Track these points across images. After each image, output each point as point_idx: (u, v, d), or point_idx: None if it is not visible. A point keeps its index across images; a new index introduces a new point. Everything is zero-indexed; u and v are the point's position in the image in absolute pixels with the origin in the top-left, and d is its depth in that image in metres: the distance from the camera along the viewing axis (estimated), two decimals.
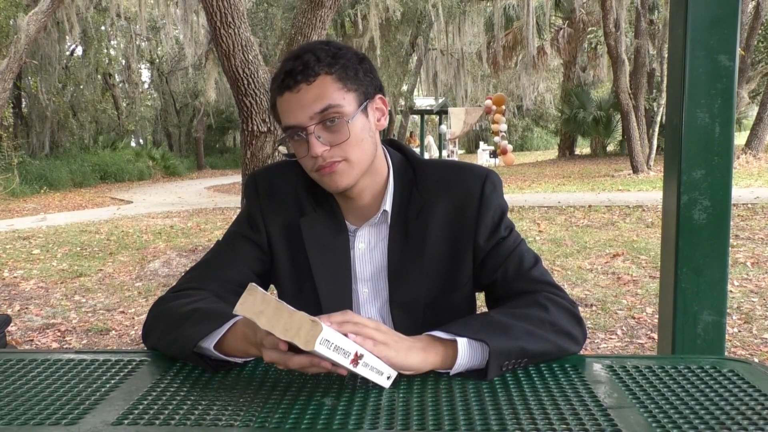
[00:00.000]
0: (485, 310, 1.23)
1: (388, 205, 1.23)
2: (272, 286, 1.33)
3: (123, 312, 4.99)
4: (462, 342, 0.99)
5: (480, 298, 1.30)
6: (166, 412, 0.88)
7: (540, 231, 7.88)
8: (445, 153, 24.03)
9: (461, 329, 1.01)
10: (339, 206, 1.25)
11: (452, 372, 1.00)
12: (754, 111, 21.31)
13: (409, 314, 1.22)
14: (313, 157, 1.13)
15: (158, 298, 1.22)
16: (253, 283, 0.90)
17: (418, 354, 0.98)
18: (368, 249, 1.25)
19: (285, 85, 1.12)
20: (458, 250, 1.22)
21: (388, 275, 1.23)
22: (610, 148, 24.77)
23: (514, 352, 1.01)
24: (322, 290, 1.23)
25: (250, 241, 1.26)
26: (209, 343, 1.03)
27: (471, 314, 1.28)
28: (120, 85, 25.98)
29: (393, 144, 1.31)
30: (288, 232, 1.25)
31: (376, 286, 1.25)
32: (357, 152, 1.15)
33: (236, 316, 1.04)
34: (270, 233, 1.26)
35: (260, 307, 0.87)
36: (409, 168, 1.26)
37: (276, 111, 1.18)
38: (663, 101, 15.30)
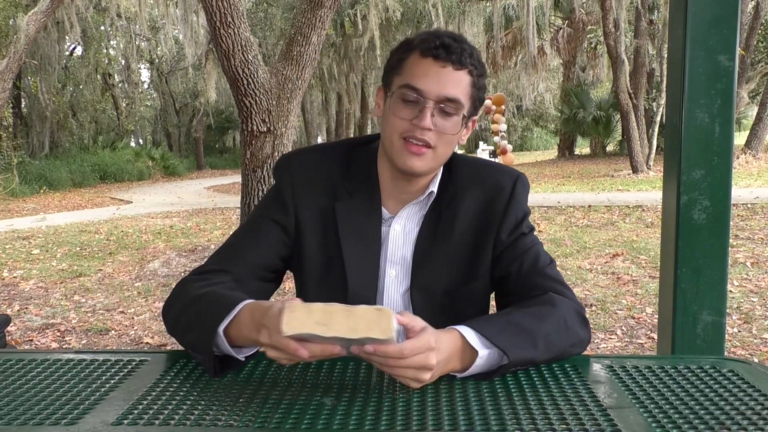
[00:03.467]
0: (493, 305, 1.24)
1: (436, 186, 1.24)
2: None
3: (122, 312, 4.99)
4: (483, 354, 0.99)
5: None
6: (166, 412, 0.88)
7: (540, 231, 7.88)
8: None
9: (491, 332, 1.00)
10: (380, 191, 1.26)
11: (460, 375, 1.00)
12: (753, 111, 21.31)
13: (428, 299, 1.24)
14: (414, 125, 1.13)
15: (181, 280, 1.21)
16: (289, 302, 0.89)
17: (438, 371, 0.96)
18: (403, 232, 1.26)
19: (435, 53, 1.13)
20: (481, 241, 1.24)
21: (413, 258, 1.25)
22: (609, 148, 24.77)
23: (526, 362, 1.02)
24: (351, 274, 1.23)
25: (276, 224, 1.25)
26: (220, 330, 1.01)
27: (485, 308, 1.30)
28: (120, 85, 25.99)
29: None
30: (320, 216, 1.25)
31: (404, 269, 1.26)
32: (446, 149, 1.18)
33: (244, 299, 1.03)
34: (300, 216, 1.25)
35: (312, 319, 0.86)
36: None
37: (399, 64, 1.17)
38: (663, 101, 15.30)
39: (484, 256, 1.25)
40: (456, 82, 1.14)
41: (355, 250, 1.24)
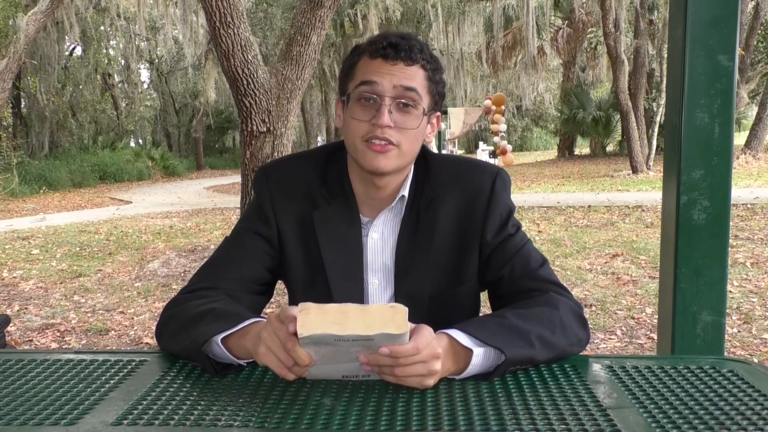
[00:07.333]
0: (488, 308, 1.23)
1: (406, 190, 1.23)
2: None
3: (122, 312, 4.99)
4: (478, 352, 0.98)
5: (482, 297, 1.30)
6: (166, 412, 0.88)
7: (539, 231, 7.88)
8: (444, 153, 24.02)
9: (483, 334, 0.99)
10: (355, 197, 1.24)
11: (459, 377, 0.99)
12: (753, 111, 21.32)
13: (414, 307, 1.22)
14: (373, 125, 1.13)
15: (171, 300, 1.21)
16: (303, 303, 0.90)
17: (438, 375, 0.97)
18: (381, 239, 1.25)
19: (384, 53, 1.13)
20: (465, 244, 1.22)
21: (395, 266, 1.23)
22: (609, 148, 24.77)
23: (525, 361, 1.01)
24: (333, 283, 1.22)
25: (259, 237, 1.25)
26: (217, 338, 1.02)
27: (476, 310, 1.28)
28: (119, 85, 25.99)
29: None
30: (300, 225, 1.24)
31: (386, 277, 1.25)
32: (410, 146, 1.17)
33: (251, 317, 1.05)
34: (281, 227, 1.25)
35: (327, 319, 0.88)
36: (422, 160, 1.26)
37: (351, 70, 1.18)
38: (662, 101, 15.30)
39: (470, 260, 1.23)
40: (410, 76, 1.14)
41: (336, 259, 1.22)
